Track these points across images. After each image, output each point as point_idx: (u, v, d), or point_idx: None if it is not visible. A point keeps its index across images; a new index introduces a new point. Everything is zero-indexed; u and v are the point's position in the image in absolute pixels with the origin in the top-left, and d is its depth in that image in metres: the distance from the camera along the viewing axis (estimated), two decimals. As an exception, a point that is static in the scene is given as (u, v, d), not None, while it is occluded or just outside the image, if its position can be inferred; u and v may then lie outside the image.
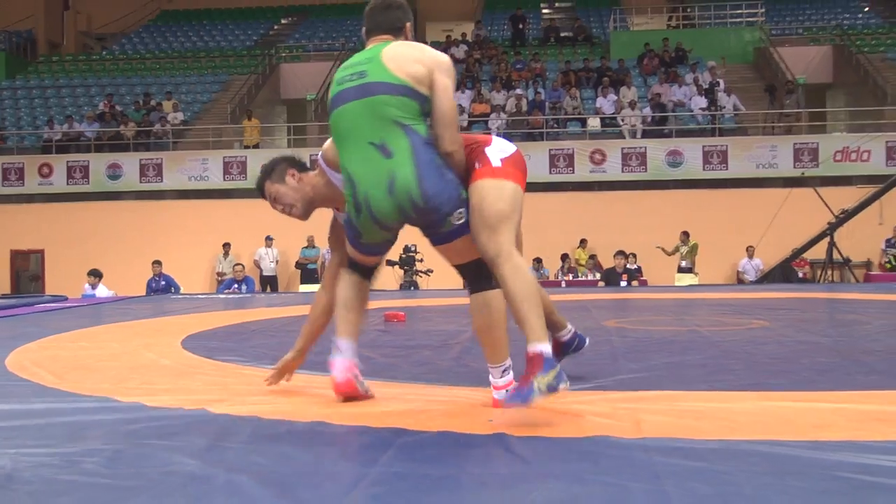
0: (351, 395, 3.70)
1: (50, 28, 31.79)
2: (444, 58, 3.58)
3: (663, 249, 17.83)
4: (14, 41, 29.09)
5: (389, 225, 3.53)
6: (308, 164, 3.94)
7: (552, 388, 3.17)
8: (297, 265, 19.42)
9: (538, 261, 18.46)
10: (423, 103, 3.45)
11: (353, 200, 3.51)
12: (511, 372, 3.57)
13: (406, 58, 3.49)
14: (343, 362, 3.69)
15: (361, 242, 3.63)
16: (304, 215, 3.91)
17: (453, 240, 3.51)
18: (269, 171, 3.86)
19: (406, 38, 3.72)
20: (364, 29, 3.76)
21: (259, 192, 3.91)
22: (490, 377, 3.59)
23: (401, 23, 3.71)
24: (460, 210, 3.45)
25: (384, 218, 3.47)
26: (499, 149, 3.69)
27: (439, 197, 3.40)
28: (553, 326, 4.14)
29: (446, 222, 3.44)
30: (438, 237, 3.51)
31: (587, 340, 4.30)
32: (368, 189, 3.44)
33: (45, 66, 28.63)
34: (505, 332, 3.56)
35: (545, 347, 3.30)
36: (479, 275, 3.53)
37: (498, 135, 3.90)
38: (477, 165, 3.59)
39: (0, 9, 29.64)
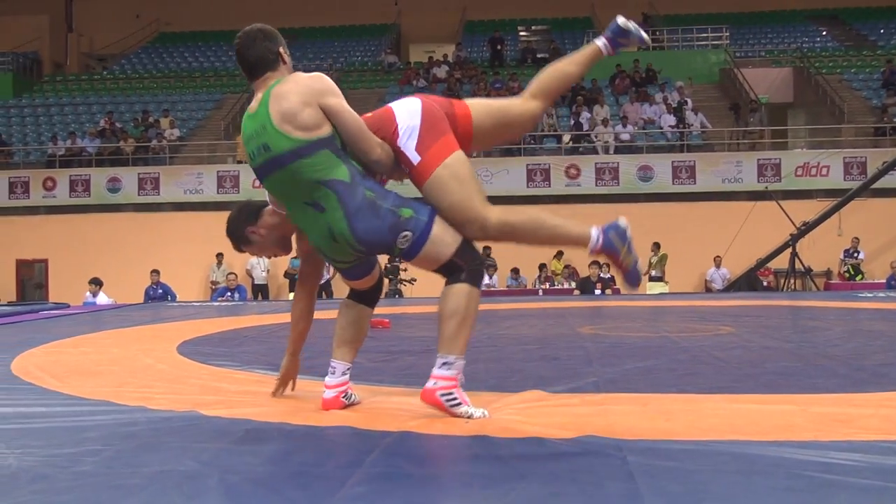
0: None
1: (54, 49, 31.68)
2: (319, 83, 3.33)
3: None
4: (21, 62, 28.96)
5: (347, 260, 3.50)
6: (263, 203, 3.76)
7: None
8: (286, 275, 19.35)
9: (515, 270, 18.47)
10: (332, 140, 3.30)
11: (311, 244, 3.54)
12: (452, 370, 3.36)
13: (292, 110, 3.25)
14: (334, 383, 3.66)
15: (336, 268, 3.61)
16: (285, 251, 3.84)
17: (413, 257, 3.42)
18: (236, 238, 3.74)
19: (285, 64, 3.47)
20: (244, 70, 3.49)
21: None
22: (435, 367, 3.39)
23: (273, 53, 3.43)
24: (404, 234, 3.33)
25: (338, 256, 3.47)
26: (407, 128, 3.47)
27: (374, 235, 3.32)
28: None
29: (394, 249, 3.38)
30: (401, 256, 3.46)
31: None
32: (316, 239, 3.44)
33: (50, 85, 28.51)
34: (459, 325, 3.35)
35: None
36: (451, 272, 3.44)
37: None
38: (404, 168, 3.49)
39: (8, 31, 29.52)
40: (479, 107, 3.66)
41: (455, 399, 3.33)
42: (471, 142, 3.63)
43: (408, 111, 3.49)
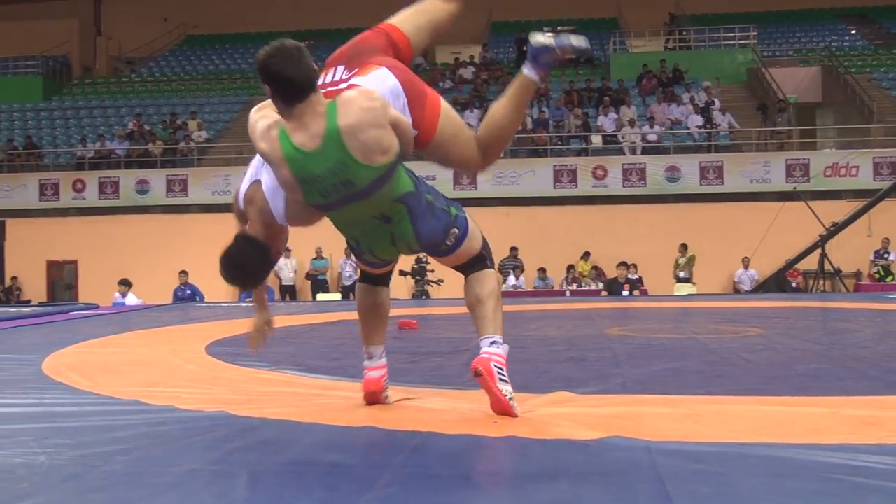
0: (374, 399, 3.69)
1: (84, 53, 31.95)
2: (377, 102, 3.16)
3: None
4: (50, 65, 29.22)
5: (390, 258, 3.58)
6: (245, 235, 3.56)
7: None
8: (308, 276, 19.38)
9: (542, 270, 18.44)
10: (401, 157, 3.24)
11: (354, 246, 3.55)
12: (501, 348, 3.39)
13: (374, 141, 3.10)
14: (376, 365, 3.70)
15: (364, 259, 3.62)
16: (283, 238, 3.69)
17: (452, 253, 3.48)
18: (260, 277, 3.62)
19: (318, 78, 3.26)
20: (285, 92, 3.14)
21: None
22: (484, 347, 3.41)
23: (315, 72, 3.22)
24: (453, 230, 3.42)
25: (385, 256, 3.53)
26: (400, 108, 3.35)
27: (432, 236, 3.38)
28: None
29: (441, 246, 3.44)
30: (437, 255, 3.51)
31: None
32: (372, 244, 3.45)
33: (79, 88, 28.76)
34: (496, 305, 3.47)
35: None
36: (472, 266, 3.53)
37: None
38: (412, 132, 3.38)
39: (38, 35, 29.79)
40: (409, 26, 3.71)
41: (504, 375, 3.33)
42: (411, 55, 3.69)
43: (391, 92, 3.34)
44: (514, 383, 3.38)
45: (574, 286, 17.96)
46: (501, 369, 3.34)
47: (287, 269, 19.07)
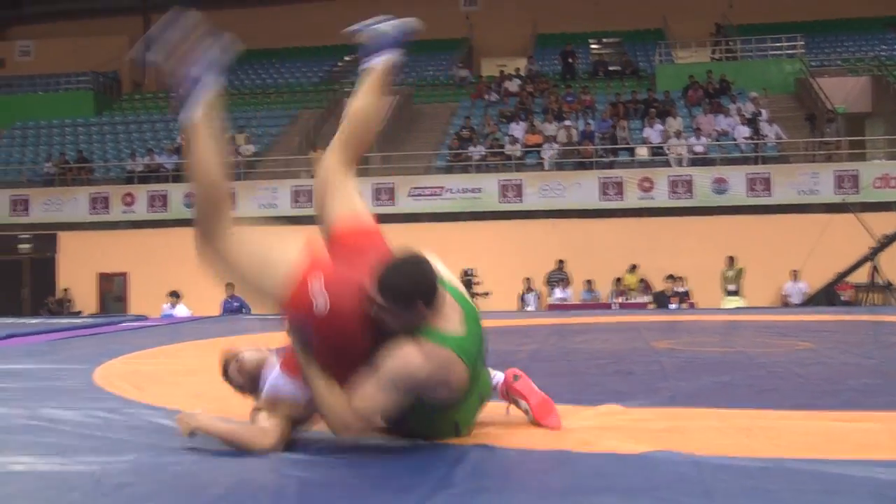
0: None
1: (133, 69, 32.46)
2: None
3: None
4: (101, 81, 29.72)
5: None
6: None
7: None
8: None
9: (589, 282, 18.37)
10: None
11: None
12: None
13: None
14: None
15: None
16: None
17: None
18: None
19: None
20: (434, 299, 3.00)
21: None
22: None
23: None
24: None
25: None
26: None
27: None
28: None
29: None
30: None
31: None
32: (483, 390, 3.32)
33: (129, 103, 29.20)
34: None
35: None
36: None
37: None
38: None
39: (89, 52, 30.34)
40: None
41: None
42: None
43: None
44: (561, 396, 3.38)
45: (621, 299, 17.88)
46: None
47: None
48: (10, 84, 29.47)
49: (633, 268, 18.61)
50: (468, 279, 16.30)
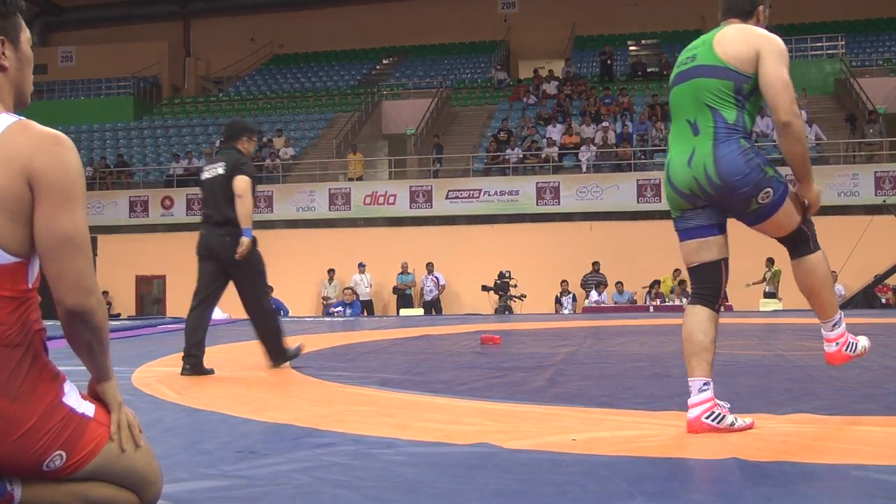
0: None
1: (173, 74, 32.82)
2: (773, 38, 3.50)
3: (753, 284, 17.43)
4: (141, 86, 30.08)
5: (684, 193, 3.51)
6: None
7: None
8: (395, 290, 19.46)
9: (620, 284, 18.25)
10: (743, 83, 3.42)
11: (666, 163, 3.61)
12: (842, 325, 3.70)
13: (734, 40, 3.47)
14: (695, 402, 3.41)
15: (673, 218, 3.66)
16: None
17: (766, 218, 3.53)
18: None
19: (758, 21, 3.66)
20: (721, 9, 3.70)
21: None
22: (822, 331, 3.76)
23: (752, 6, 3.66)
24: (766, 190, 3.43)
25: (679, 184, 3.51)
26: None
27: (735, 177, 3.39)
28: None
29: (752, 202, 3.44)
30: (750, 218, 3.54)
31: None
32: (673, 156, 3.52)
33: (169, 107, 29.50)
34: (830, 290, 3.68)
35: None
36: (797, 243, 3.65)
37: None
38: None
39: (129, 58, 30.72)
40: None
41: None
42: None
43: None
44: (596, 399, 3.35)
45: (657, 301, 17.76)
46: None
47: (363, 284, 19.13)
48: (52, 89, 29.91)
49: (677, 272, 18.46)
50: (505, 282, 16.26)
